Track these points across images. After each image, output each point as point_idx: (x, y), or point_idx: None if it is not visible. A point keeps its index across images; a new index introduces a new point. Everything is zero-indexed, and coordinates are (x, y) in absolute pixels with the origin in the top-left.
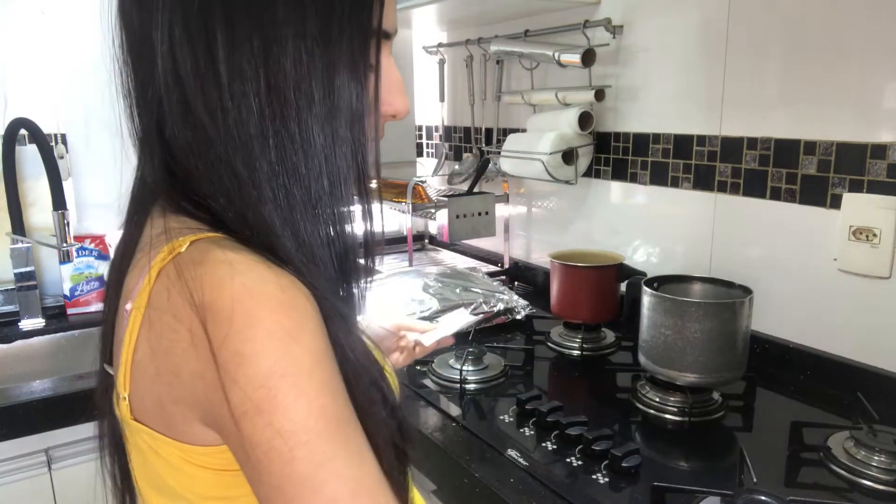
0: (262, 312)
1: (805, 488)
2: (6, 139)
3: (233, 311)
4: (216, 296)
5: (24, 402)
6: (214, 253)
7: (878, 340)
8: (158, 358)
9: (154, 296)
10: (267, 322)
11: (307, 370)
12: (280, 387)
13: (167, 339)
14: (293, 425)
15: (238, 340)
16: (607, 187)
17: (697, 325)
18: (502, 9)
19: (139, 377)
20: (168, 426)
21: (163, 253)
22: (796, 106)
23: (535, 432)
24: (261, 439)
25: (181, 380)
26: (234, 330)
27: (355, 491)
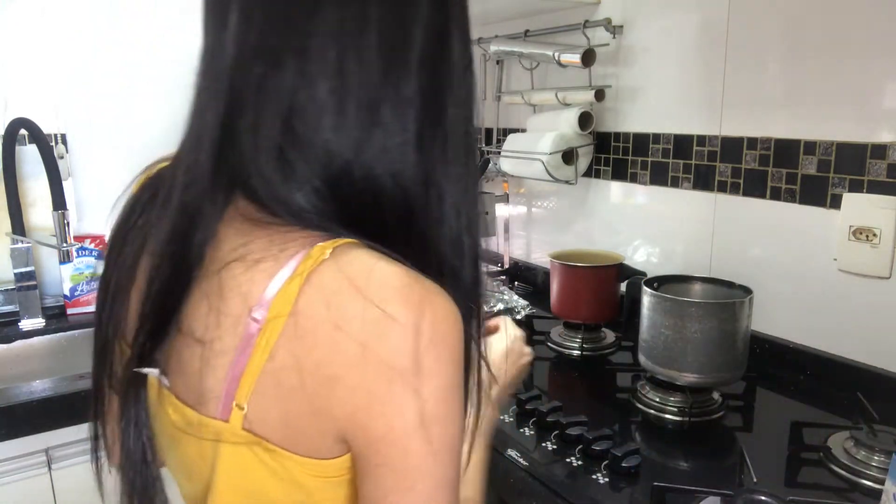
0: (445, 328)
1: (805, 488)
2: (6, 139)
3: (420, 325)
4: (399, 309)
5: (24, 402)
6: (378, 263)
7: (878, 340)
8: (307, 370)
9: (305, 304)
10: (451, 338)
11: (460, 385)
12: (454, 399)
13: (324, 351)
14: (457, 433)
15: (425, 354)
16: (607, 187)
17: (697, 325)
18: (502, 9)
19: (269, 388)
20: (291, 440)
21: (311, 255)
22: (796, 106)
23: (535, 432)
24: (431, 449)
25: (334, 393)
26: (423, 344)
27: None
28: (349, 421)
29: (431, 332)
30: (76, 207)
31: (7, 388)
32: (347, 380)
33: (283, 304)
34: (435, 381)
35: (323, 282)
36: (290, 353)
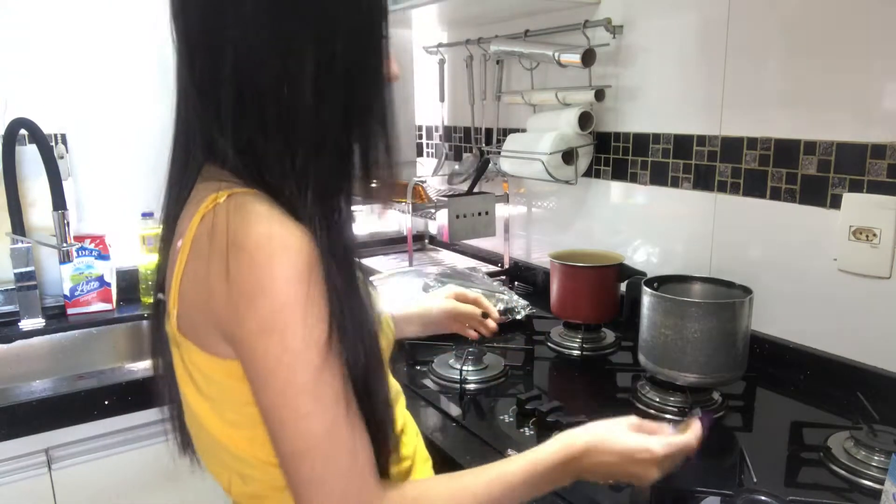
0: (278, 254)
1: (805, 488)
2: (6, 139)
3: (256, 251)
4: (244, 237)
5: (24, 402)
6: (247, 205)
7: (878, 340)
8: (199, 284)
9: (198, 234)
10: (283, 263)
11: (310, 304)
12: (291, 314)
13: (205, 269)
14: (298, 344)
15: (259, 275)
16: (607, 187)
17: (697, 324)
18: (502, 9)
19: (184, 299)
20: (202, 343)
21: (207, 201)
22: (796, 106)
23: (535, 432)
24: (272, 354)
25: (213, 303)
26: (256, 266)
27: (341, 400)
28: (226, 328)
29: (267, 262)
30: (76, 207)
31: (7, 388)
32: (218, 294)
33: (189, 234)
34: (270, 299)
35: (209, 220)
36: (192, 271)
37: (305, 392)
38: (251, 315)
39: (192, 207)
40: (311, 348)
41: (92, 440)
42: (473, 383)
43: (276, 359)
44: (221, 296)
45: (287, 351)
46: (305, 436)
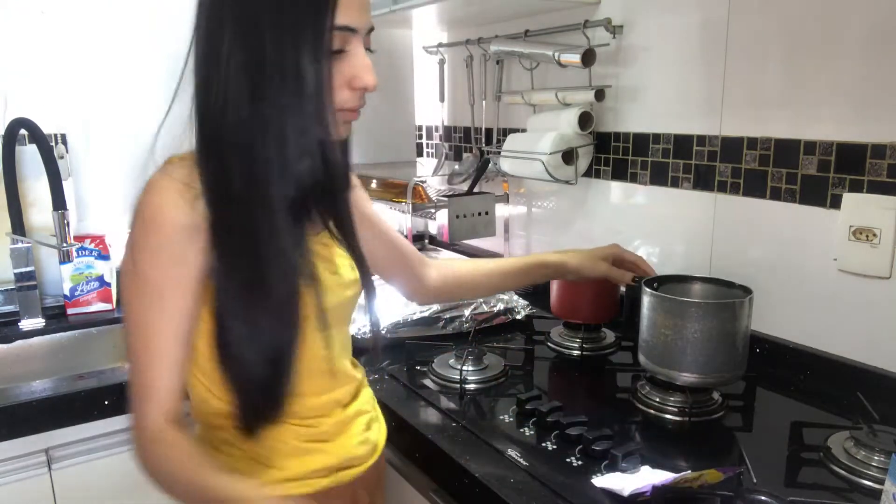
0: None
1: (805, 488)
2: (6, 139)
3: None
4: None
5: (24, 402)
6: (155, 176)
7: (878, 340)
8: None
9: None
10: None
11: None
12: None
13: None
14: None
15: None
16: (607, 187)
17: (697, 324)
18: (502, 9)
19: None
20: None
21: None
22: (796, 106)
23: (535, 432)
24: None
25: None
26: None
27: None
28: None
29: (141, 217)
30: (76, 207)
31: (7, 388)
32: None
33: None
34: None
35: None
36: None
37: (130, 314)
38: (124, 256)
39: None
40: (149, 279)
41: (92, 440)
42: (473, 383)
43: (127, 299)
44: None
45: (127, 273)
46: (128, 346)
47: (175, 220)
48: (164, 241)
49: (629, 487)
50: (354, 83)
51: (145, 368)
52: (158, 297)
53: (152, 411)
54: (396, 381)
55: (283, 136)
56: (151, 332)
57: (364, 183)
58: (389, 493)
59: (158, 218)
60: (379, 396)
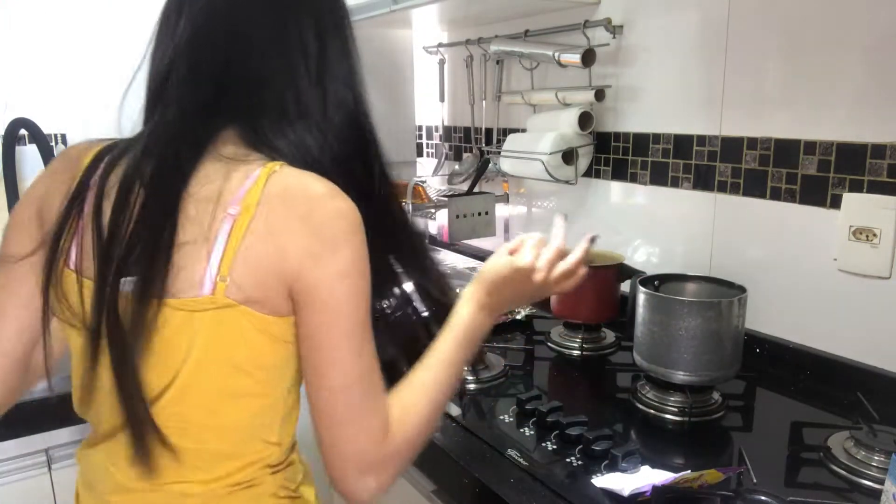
0: (347, 214)
1: (805, 488)
2: (6, 139)
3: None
4: (324, 194)
5: (24, 402)
6: (307, 176)
7: (878, 340)
8: (271, 238)
9: (266, 197)
10: (351, 220)
11: (368, 270)
12: (363, 264)
13: (279, 226)
14: (365, 289)
15: (344, 228)
16: (607, 187)
17: (682, 322)
18: (502, 9)
19: (244, 259)
20: (260, 303)
21: (265, 169)
22: (796, 106)
23: (535, 432)
24: (347, 294)
25: (286, 254)
26: (342, 219)
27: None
28: (295, 275)
29: (338, 217)
30: None
31: None
32: (293, 249)
33: (251, 199)
34: (351, 249)
35: (276, 184)
36: (258, 230)
37: (365, 333)
38: (334, 260)
39: (237, 175)
40: (367, 300)
41: None
42: (473, 383)
43: (347, 300)
44: (298, 249)
45: (358, 294)
46: (355, 371)
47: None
48: (362, 233)
49: (629, 487)
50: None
51: (377, 378)
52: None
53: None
54: None
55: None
56: (372, 348)
57: None
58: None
59: (361, 223)
60: None
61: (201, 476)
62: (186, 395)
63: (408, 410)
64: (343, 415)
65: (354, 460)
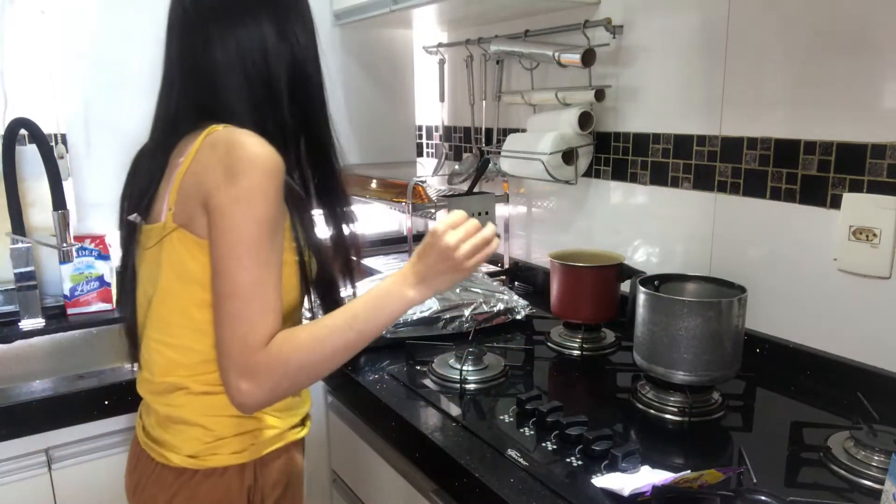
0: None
1: (805, 488)
2: (6, 139)
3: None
4: (239, 138)
5: (24, 402)
6: (238, 131)
7: (878, 340)
8: (196, 179)
9: (201, 148)
10: (265, 161)
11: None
12: (258, 195)
13: (203, 164)
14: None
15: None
16: (607, 187)
17: (682, 322)
18: (502, 9)
19: (183, 193)
20: (193, 225)
21: (209, 129)
22: (796, 106)
23: (535, 432)
24: (236, 216)
25: (205, 184)
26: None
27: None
28: (208, 198)
29: (248, 158)
30: (76, 207)
31: (7, 388)
32: (211, 179)
33: (193, 150)
34: (248, 179)
35: (211, 137)
36: (189, 172)
37: (247, 251)
38: (231, 187)
39: (191, 140)
40: (261, 226)
41: (92, 440)
42: (473, 383)
43: (238, 220)
44: (213, 178)
45: (246, 217)
46: (237, 281)
47: (282, 168)
48: (279, 185)
49: (629, 487)
50: None
51: (262, 294)
52: (274, 235)
53: (271, 324)
54: (396, 381)
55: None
56: (270, 269)
57: (364, 182)
58: (390, 492)
59: (274, 165)
60: (379, 396)
61: (184, 372)
62: (165, 300)
63: (293, 337)
64: (222, 318)
65: (227, 361)
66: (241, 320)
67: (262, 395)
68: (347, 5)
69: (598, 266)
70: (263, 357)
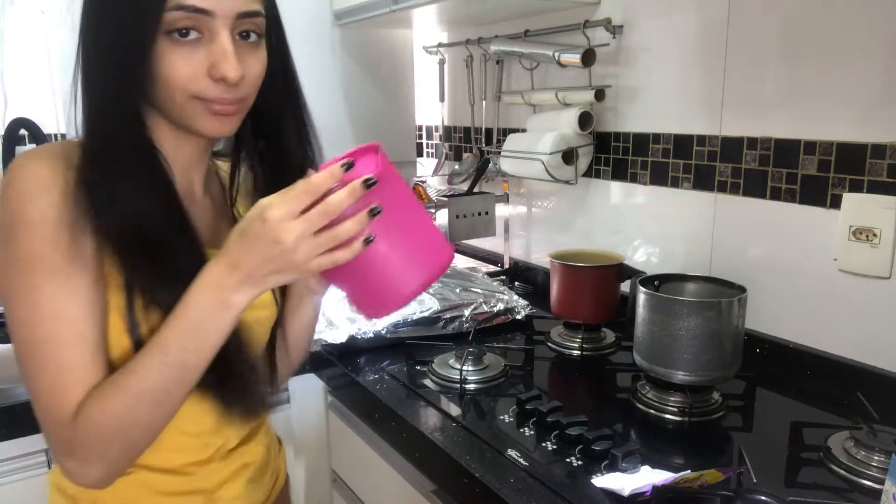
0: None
1: (805, 488)
2: (6, 139)
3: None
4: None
5: (24, 402)
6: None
7: (878, 340)
8: None
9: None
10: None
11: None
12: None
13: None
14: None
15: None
16: (607, 187)
17: (682, 322)
18: (502, 9)
19: None
20: None
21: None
22: (796, 106)
23: (535, 432)
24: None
25: None
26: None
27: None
28: None
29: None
30: None
31: (7, 388)
32: None
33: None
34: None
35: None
36: None
37: (20, 301)
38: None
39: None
40: (32, 266)
41: None
42: (473, 383)
43: (3, 266)
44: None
45: (10, 259)
46: (21, 340)
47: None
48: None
49: (629, 487)
50: (212, 72)
51: (55, 353)
52: (57, 274)
53: (74, 387)
54: (396, 381)
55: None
56: (62, 320)
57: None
58: (390, 492)
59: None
60: (379, 396)
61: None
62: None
63: (100, 394)
64: (25, 384)
65: (45, 436)
66: (39, 388)
67: (95, 471)
68: (347, 5)
69: (598, 266)
70: (71, 431)
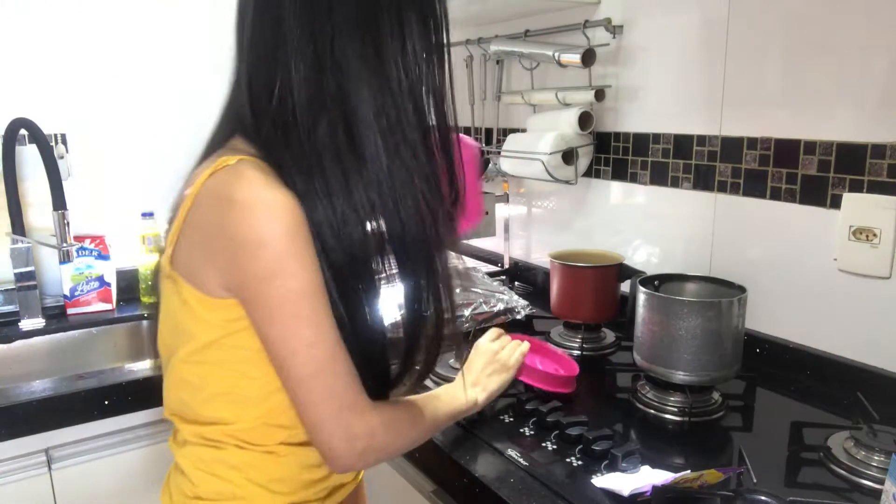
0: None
1: (805, 488)
2: (6, 139)
3: (247, 208)
4: (235, 194)
5: (24, 402)
6: (247, 170)
7: (878, 340)
8: (200, 230)
9: (204, 189)
10: (274, 219)
11: (302, 253)
12: (289, 261)
13: (206, 219)
14: (297, 285)
15: (257, 229)
16: (607, 187)
17: (682, 322)
18: (502, 9)
19: (183, 240)
20: (195, 281)
21: (218, 162)
22: (796, 106)
23: (535, 432)
24: (276, 295)
25: (213, 250)
26: (254, 221)
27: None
28: (226, 273)
29: (253, 221)
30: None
31: (7, 388)
32: (217, 245)
33: (196, 187)
34: (269, 249)
35: (216, 178)
36: (191, 216)
37: (309, 324)
38: (253, 264)
39: (206, 166)
40: (309, 294)
41: (92, 440)
42: None
43: (280, 299)
44: (222, 248)
45: (290, 292)
46: (315, 360)
47: (294, 209)
48: (306, 234)
49: (629, 487)
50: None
51: (341, 372)
52: (321, 297)
53: (361, 389)
54: None
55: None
56: (332, 337)
57: None
58: (390, 492)
59: (291, 215)
60: None
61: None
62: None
63: (397, 414)
64: (314, 399)
65: (336, 429)
66: (339, 392)
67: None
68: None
69: (598, 266)
70: (366, 426)
